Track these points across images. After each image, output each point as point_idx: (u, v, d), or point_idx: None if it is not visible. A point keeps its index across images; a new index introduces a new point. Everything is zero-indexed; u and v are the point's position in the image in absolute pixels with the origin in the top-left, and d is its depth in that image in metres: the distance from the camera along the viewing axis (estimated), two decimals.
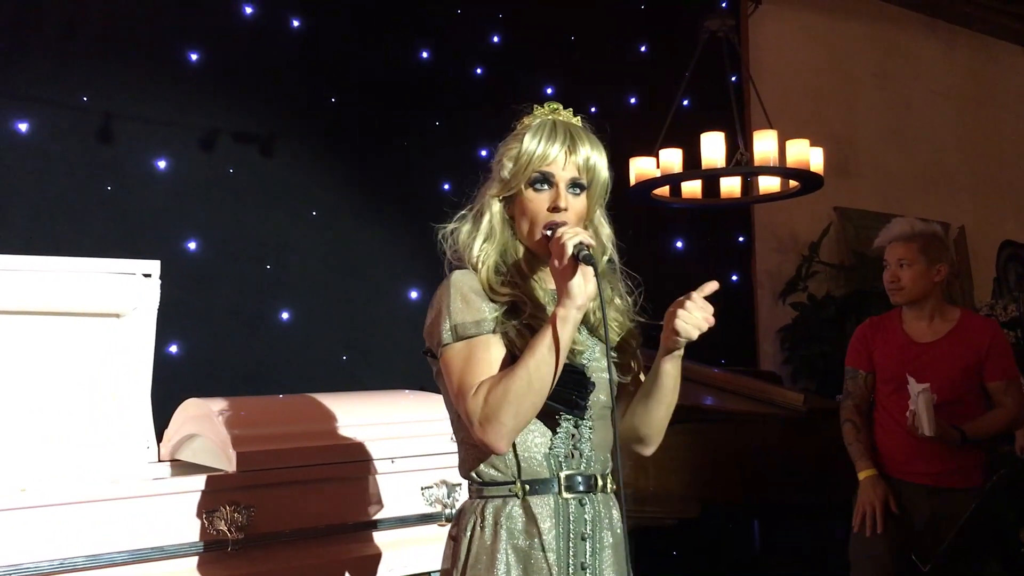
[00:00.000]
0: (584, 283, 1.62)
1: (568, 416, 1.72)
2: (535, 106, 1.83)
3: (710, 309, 1.67)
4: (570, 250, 1.61)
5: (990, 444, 3.18)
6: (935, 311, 3.16)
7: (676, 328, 1.66)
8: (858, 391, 3.25)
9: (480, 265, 1.76)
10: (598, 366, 1.77)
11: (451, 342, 1.68)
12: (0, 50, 3.62)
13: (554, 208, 1.74)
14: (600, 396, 1.76)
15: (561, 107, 1.83)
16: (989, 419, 3.07)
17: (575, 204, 1.76)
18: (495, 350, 1.68)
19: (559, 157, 1.75)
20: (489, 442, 1.63)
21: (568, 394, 1.68)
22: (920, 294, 3.13)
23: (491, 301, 1.72)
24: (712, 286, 1.69)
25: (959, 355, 3.07)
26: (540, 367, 1.61)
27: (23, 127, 3.64)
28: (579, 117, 1.84)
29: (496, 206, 1.80)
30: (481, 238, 1.78)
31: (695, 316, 1.66)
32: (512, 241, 1.80)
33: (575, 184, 1.76)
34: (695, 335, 1.68)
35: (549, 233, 1.71)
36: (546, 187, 1.75)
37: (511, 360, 1.66)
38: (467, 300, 1.70)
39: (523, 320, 1.70)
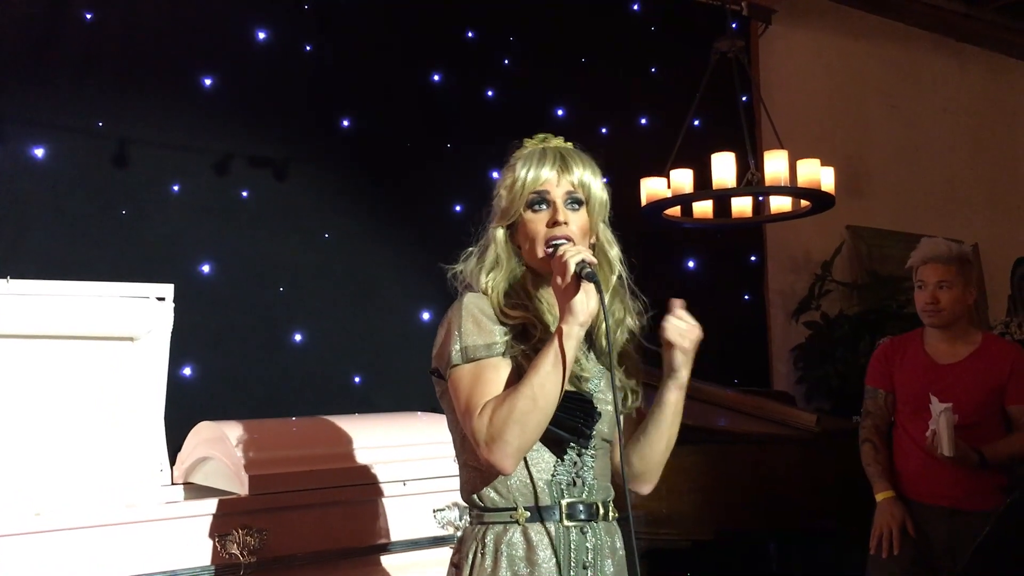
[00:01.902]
0: (587, 300, 1.63)
1: (573, 444, 1.72)
2: (526, 140, 1.86)
3: (691, 321, 1.76)
4: (572, 268, 1.63)
5: (1009, 467, 3.15)
6: (960, 333, 3.14)
7: (666, 336, 1.73)
8: (878, 411, 3.22)
9: (490, 292, 1.78)
10: (603, 397, 1.78)
11: (460, 363, 1.69)
12: (17, 77, 3.67)
13: (553, 223, 1.75)
14: (603, 427, 1.77)
15: (551, 136, 1.85)
16: (1009, 442, 3.05)
17: (575, 219, 1.77)
18: (503, 372, 1.68)
19: (552, 177, 1.77)
20: (495, 462, 1.63)
21: (574, 422, 1.69)
22: (957, 316, 3.11)
23: (502, 324, 1.73)
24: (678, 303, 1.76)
25: (981, 378, 3.05)
26: (544, 385, 1.61)
27: (39, 152, 3.68)
28: (570, 143, 1.86)
29: (500, 235, 1.82)
30: (488, 268, 1.80)
31: (677, 323, 1.74)
32: (519, 267, 1.81)
33: (572, 199, 1.78)
34: (685, 343, 1.75)
35: (551, 250, 1.73)
36: (544, 206, 1.77)
37: (521, 377, 1.66)
38: (478, 322, 1.71)
39: (533, 344, 1.71)
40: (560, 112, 5.14)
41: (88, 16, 3.82)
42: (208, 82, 4.10)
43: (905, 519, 3.05)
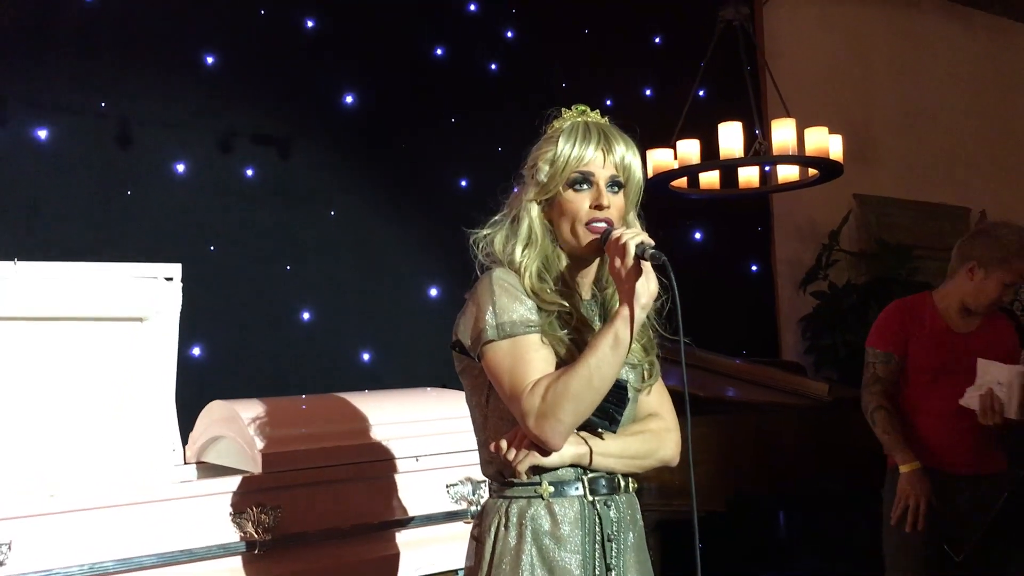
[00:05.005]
0: (647, 283, 1.63)
1: (600, 427, 1.72)
2: (563, 109, 1.82)
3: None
4: (632, 250, 1.62)
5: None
6: None
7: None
8: (889, 376, 3.13)
9: (523, 271, 1.74)
10: (632, 379, 1.78)
11: (496, 339, 1.67)
12: (18, 58, 3.65)
13: (596, 206, 1.72)
14: (626, 412, 1.76)
15: (588, 109, 1.82)
16: None
17: (615, 201, 1.75)
18: (543, 350, 1.68)
19: (597, 157, 1.74)
20: (546, 438, 1.63)
21: (607, 406, 1.68)
22: None
23: (536, 306, 1.71)
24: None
25: (993, 346, 3.04)
26: (602, 366, 1.61)
27: (43, 134, 3.67)
28: (606, 118, 1.83)
29: (535, 211, 1.77)
30: (521, 244, 1.76)
31: None
32: (553, 247, 1.77)
33: (614, 182, 1.75)
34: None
35: (598, 227, 1.71)
36: (586, 187, 1.74)
37: (558, 365, 1.66)
38: (513, 298, 1.69)
39: (568, 333, 1.70)
40: (564, 84, 5.10)
41: None
42: (210, 60, 4.07)
43: (931, 492, 3.00)
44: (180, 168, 3.96)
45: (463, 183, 4.54)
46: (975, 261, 3.05)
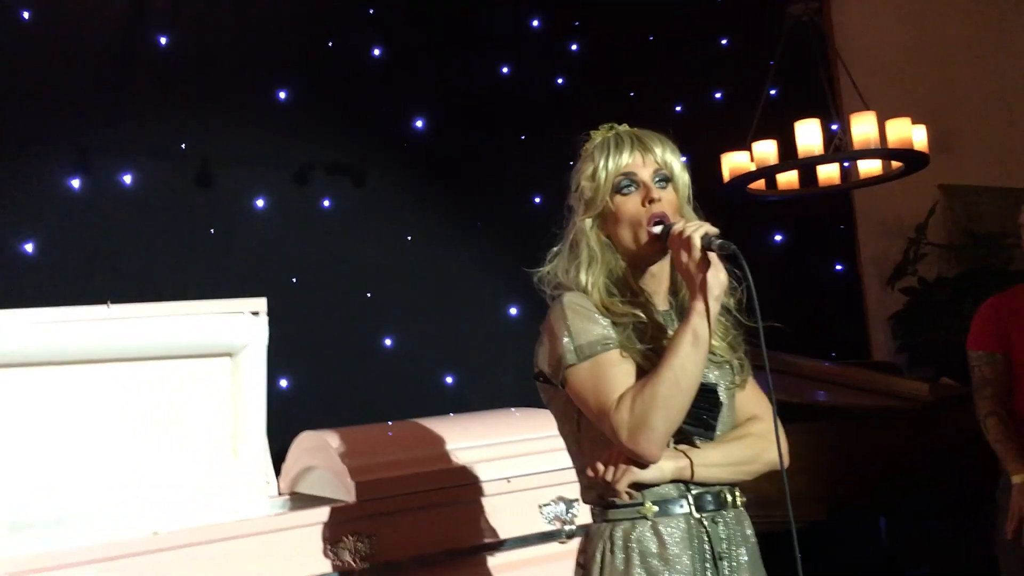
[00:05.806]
0: (717, 273, 1.59)
1: (696, 435, 1.67)
2: (591, 132, 1.81)
3: None
4: (698, 242, 1.59)
5: None
6: None
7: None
8: (997, 377, 2.94)
9: (591, 288, 1.72)
10: (723, 383, 1.73)
11: (576, 362, 1.64)
12: (100, 108, 3.76)
13: (649, 201, 1.70)
14: (724, 415, 1.72)
15: (616, 124, 1.80)
16: None
17: (666, 196, 1.72)
18: (625, 365, 1.64)
19: (635, 158, 1.73)
20: (642, 451, 1.59)
21: (700, 413, 1.64)
22: None
23: (612, 322, 1.68)
24: None
25: None
26: (685, 365, 1.57)
27: (127, 179, 3.77)
28: (635, 129, 1.80)
29: (589, 228, 1.75)
30: (584, 265, 1.74)
31: None
32: (616, 260, 1.75)
33: (661, 178, 1.73)
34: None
35: (657, 229, 1.68)
36: (633, 188, 1.72)
37: (640, 377, 1.62)
38: (587, 319, 1.67)
39: (647, 344, 1.67)
40: (632, 93, 5.05)
41: (162, 41, 3.90)
42: (282, 95, 4.14)
43: None
44: (260, 203, 4.03)
45: (536, 200, 4.52)
46: (1020, 226, 2.92)
